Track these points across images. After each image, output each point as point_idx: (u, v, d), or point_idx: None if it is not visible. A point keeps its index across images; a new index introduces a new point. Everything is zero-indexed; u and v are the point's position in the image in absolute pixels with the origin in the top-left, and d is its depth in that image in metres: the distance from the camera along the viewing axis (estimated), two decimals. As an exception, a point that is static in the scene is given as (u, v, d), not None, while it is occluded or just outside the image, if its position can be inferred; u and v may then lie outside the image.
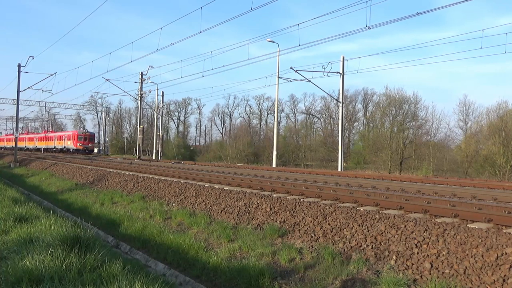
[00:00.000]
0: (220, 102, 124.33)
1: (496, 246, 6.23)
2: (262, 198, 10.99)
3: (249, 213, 10.51)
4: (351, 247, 7.62)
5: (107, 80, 41.94)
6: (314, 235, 8.42)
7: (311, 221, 8.96)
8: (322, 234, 8.35)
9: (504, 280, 5.65)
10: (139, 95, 42.06)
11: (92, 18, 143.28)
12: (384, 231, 7.65)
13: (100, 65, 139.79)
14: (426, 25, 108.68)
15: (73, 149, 58.71)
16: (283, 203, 10.23)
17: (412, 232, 7.30)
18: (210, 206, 11.90)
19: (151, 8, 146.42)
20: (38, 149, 72.23)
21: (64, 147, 61.72)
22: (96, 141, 76.04)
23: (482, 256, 6.16)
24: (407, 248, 6.97)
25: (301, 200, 10.28)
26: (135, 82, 42.40)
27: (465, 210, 8.14)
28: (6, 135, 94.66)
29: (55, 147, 65.06)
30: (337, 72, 31.51)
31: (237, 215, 10.63)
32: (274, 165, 34.42)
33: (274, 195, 11.15)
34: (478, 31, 75.94)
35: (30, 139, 79.15)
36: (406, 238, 7.23)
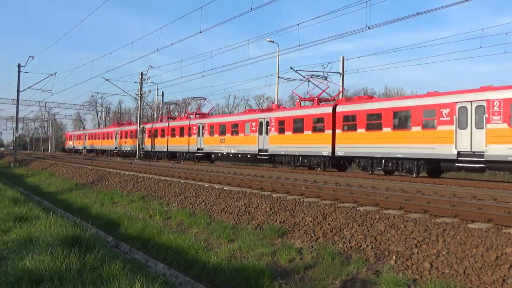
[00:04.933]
0: (220, 102, 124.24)
1: (496, 246, 6.23)
2: (262, 198, 10.99)
3: (249, 213, 10.51)
4: (351, 247, 7.62)
5: (107, 80, 41.93)
6: (314, 235, 8.42)
7: (311, 221, 8.96)
8: (322, 234, 8.35)
9: (504, 280, 5.65)
10: (139, 95, 42.03)
11: (92, 18, 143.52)
12: (384, 231, 7.65)
13: (100, 65, 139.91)
14: (426, 24, 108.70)
15: None
16: (283, 203, 10.23)
17: (412, 232, 7.30)
18: (210, 206, 11.90)
19: (151, 8, 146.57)
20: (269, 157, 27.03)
21: None
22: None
23: (482, 256, 6.16)
24: (407, 248, 6.97)
25: (301, 200, 10.28)
26: (135, 82, 42.40)
27: (465, 210, 8.15)
28: (109, 126, 62.42)
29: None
30: (337, 72, 31.51)
31: (237, 215, 10.63)
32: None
33: (274, 195, 11.15)
34: (478, 30, 76.06)
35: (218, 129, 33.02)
36: (406, 238, 7.23)
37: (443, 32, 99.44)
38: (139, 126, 41.53)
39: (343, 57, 31.96)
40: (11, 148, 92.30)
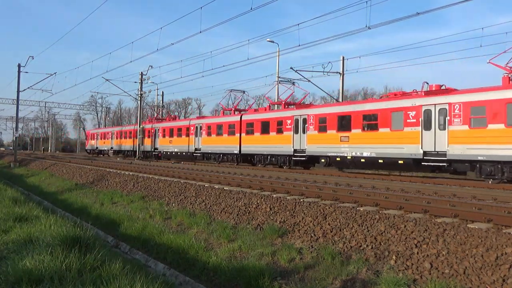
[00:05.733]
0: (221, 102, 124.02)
1: (496, 246, 6.23)
2: (262, 198, 10.99)
3: (249, 213, 10.51)
4: (351, 247, 7.62)
5: (107, 80, 42.01)
6: (314, 235, 8.42)
7: (311, 221, 8.96)
8: (322, 234, 8.35)
9: (504, 280, 5.65)
10: (139, 95, 42.08)
11: (92, 18, 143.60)
12: (384, 231, 7.65)
13: (100, 65, 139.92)
14: (426, 24, 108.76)
15: None
16: (283, 203, 10.23)
17: (412, 232, 7.31)
18: (210, 206, 11.90)
19: (151, 8, 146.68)
20: None
21: None
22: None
23: (482, 256, 6.16)
24: (407, 248, 6.97)
25: (301, 200, 10.28)
26: (135, 82, 42.46)
27: (465, 210, 8.15)
28: (144, 122, 44.96)
29: None
30: (337, 72, 31.52)
31: (237, 215, 10.63)
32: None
33: (274, 195, 11.15)
34: (478, 29, 76.10)
35: None
36: (406, 238, 7.23)
37: (443, 31, 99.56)
38: (139, 126, 41.49)
39: (343, 57, 31.99)
40: (11, 148, 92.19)
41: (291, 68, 29.06)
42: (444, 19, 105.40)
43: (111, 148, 51.76)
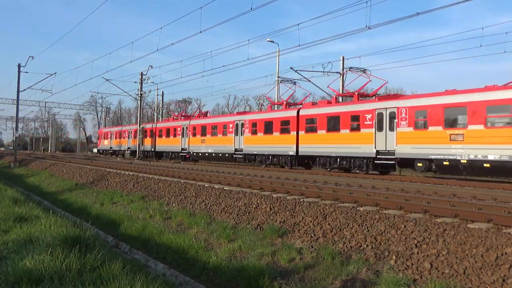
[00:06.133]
0: (220, 102, 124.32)
1: (496, 246, 6.23)
2: (262, 198, 10.99)
3: (249, 213, 10.51)
4: (351, 247, 7.62)
5: (107, 80, 42.03)
6: (314, 235, 8.42)
7: (311, 221, 8.96)
8: (322, 234, 8.35)
9: (504, 280, 5.65)
10: (139, 95, 42.10)
11: (92, 18, 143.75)
12: (384, 231, 7.65)
13: (100, 65, 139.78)
14: (426, 24, 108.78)
15: None
16: (283, 203, 10.23)
17: (412, 232, 7.31)
18: (210, 206, 11.90)
19: (151, 8, 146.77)
20: None
21: None
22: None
23: (482, 256, 6.16)
24: (407, 248, 6.97)
25: (301, 200, 10.28)
26: (135, 82, 42.49)
27: (465, 210, 8.15)
28: (167, 119, 45.69)
29: None
30: (337, 72, 31.51)
31: (237, 215, 10.63)
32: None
33: (274, 195, 11.15)
34: (478, 29, 76.13)
35: None
36: (406, 238, 7.23)
37: (443, 31, 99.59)
38: (139, 126, 41.48)
39: (343, 57, 32.00)
40: (11, 148, 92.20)
41: (291, 68, 28.98)
42: (444, 19, 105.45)
43: (128, 148, 46.90)
